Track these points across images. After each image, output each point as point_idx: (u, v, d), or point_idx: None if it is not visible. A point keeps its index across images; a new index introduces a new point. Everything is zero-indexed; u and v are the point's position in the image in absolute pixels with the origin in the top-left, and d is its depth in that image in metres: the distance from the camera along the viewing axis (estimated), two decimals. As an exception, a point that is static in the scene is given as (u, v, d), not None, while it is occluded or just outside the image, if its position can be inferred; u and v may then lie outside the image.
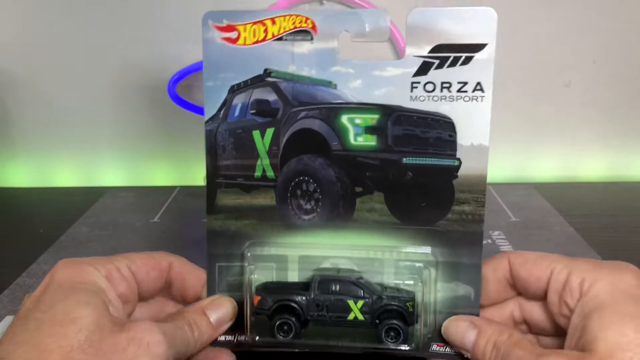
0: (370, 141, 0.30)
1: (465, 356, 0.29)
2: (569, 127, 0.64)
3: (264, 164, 0.31)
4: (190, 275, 0.31)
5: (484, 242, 0.48)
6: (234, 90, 0.30)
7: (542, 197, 0.59)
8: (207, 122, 0.31)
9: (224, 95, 0.30)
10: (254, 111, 0.31)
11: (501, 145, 0.65)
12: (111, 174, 0.67)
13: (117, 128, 0.65)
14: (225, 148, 0.31)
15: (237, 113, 0.31)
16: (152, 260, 0.30)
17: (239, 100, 0.31)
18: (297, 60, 0.29)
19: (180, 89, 0.60)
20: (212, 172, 0.32)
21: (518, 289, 0.30)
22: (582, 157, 0.66)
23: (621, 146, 0.65)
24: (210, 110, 0.31)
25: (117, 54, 0.61)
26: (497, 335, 0.27)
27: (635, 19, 0.59)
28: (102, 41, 0.61)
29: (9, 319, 0.39)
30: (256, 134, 0.31)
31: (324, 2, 0.57)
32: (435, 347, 0.30)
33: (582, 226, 0.51)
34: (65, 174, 0.68)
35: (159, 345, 0.25)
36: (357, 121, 0.30)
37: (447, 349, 0.30)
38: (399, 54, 0.58)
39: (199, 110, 0.60)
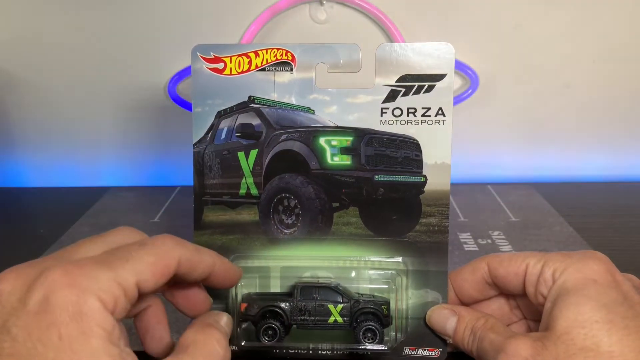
0: (345, 161, 0.33)
1: (448, 341, 0.32)
2: (569, 127, 0.64)
3: (248, 183, 0.34)
4: (200, 264, 0.29)
5: (484, 242, 0.50)
6: (221, 115, 0.33)
7: (542, 197, 0.59)
8: (195, 144, 0.34)
9: (211, 119, 0.33)
10: (239, 134, 0.34)
11: (501, 145, 0.65)
12: (111, 174, 0.67)
13: (117, 128, 0.65)
14: (212, 168, 0.34)
15: (223, 136, 0.34)
16: (161, 264, 0.26)
17: (225, 125, 0.34)
18: (278, 88, 0.33)
19: (180, 89, 0.60)
20: (199, 191, 0.34)
21: (499, 287, 0.32)
22: (582, 157, 0.66)
23: (621, 146, 0.65)
24: (198, 134, 0.34)
25: (118, 54, 0.61)
26: (475, 321, 0.30)
27: (635, 19, 0.59)
28: (102, 41, 0.61)
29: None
30: (241, 154, 0.34)
31: (324, 2, 0.57)
32: (407, 351, 0.33)
33: (582, 226, 0.51)
34: (65, 174, 0.68)
35: None
36: (334, 143, 0.33)
37: (419, 352, 0.33)
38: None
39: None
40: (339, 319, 0.32)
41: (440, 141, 0.32)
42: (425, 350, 0.32)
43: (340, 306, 0.32)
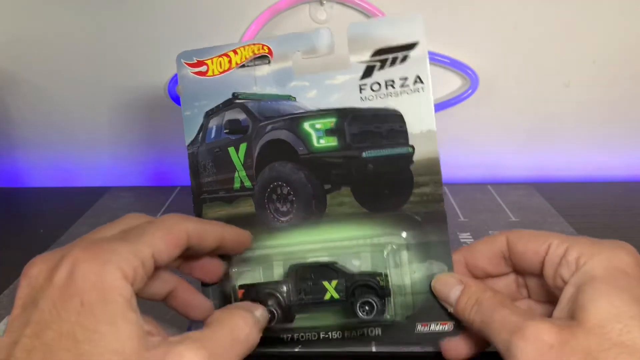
0: (331, 142, 0.33)
1: (449, 311, 0.31)
2: (569, 127, 0.64)
3: (241, 176, 0.35)
4: (208, 233, 0.30)
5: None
6: (209, 115, 0.34)
7: (542, 197, 0.59)
8: (188, 146, 0.35)
9: (200, 120, 0.34)
10: (227, 130, 0.35)
11: (501, 145, 0.65)
12: (111, 174, 0.67)
13: (117, 128, 0.65)
14: (206, 167, 0.35)
15: (213, 134, 0.35)
16: (171, 236, 0.28)
17: (213, 123, 0.35)
18: (260, 82, 0.33)
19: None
20: (197, 190, 0.35)
21: (514, 264, 0.31)
22: (582, 157, 0.66)
23: (621, 146, 0.65)
24: (190, 136, 0.35)
25: (118, 54, 0.61)
26: (481, 293, 0.29)
27: (635, 19, 0.59)
28: (102, 41, 0.61)
29: (9, 318, 0.39)
30: (231, 150, 0.35)
31: (324, 2, 0.57)
32: (419, 327, 0.33)
33: (582, 226, 0.51)
34: (65, 174, 0.68)
35: None
36: (318, 126, 0.33)
37: (431, 327, 0.32)
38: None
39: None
40: (335, 295, 0.32)
41: (422, 109, 0.32)
42: (437, 324, 0.32)
43: (335, 282, 0.32)
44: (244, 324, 0.27)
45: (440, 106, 0.60)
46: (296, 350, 0.35)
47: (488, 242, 0.32)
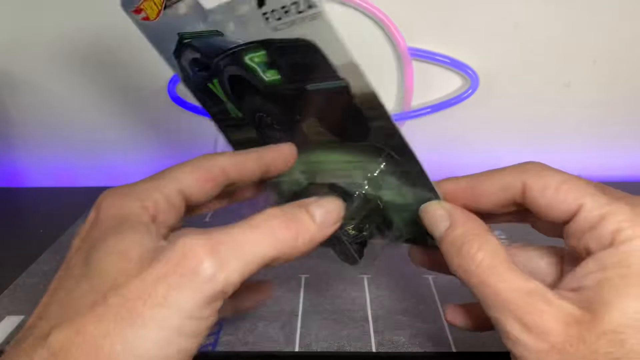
0: (275, 75, 0.30)
1: (428, 242, 0.29)
2: (569, 127, 0.64)
3: (229, 108, 0.34)
4: (246, 161, 0.29)
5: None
6: (176, 57, 0.33)
7: (542, 197, 0.59)
8: (184, 84, 0.34)
9: (175, 62, 0.33)
10: (197, 68, 0.33)
11: (501, 145, 0.65)
12: (111, 174, 0.67)
13: (117, 128, 0.65)
14: (206, 100, 0.34)
15: (190, 72, 0.34)
16: (201, 171, 0.27)
17: (185, 63, 0.33)
18: (188, 20, 0.30)
19: (180, 89, 0.60)
20: (215, 119, 0.35)
21: (528, 210, 0.26)
22: (582, 157, 0.66)
23: (622, 146, 0.65)
24: (179, 74, 0.34)
25: (118, 54, 0.61)
26: (472, 237, 0.24)
27: (635, 19, 0.59)
28: (102, 41, 0.61)
29: (9, 319, 0.39)
30: (211, 85, 0.33)
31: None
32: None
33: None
34: (65, 174, 0.68)
35: (200, 270, 0.20)
36: (256, 60, 0.30)
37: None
38: (400, 56, 0.58)
39: (199, 111, 0.60)
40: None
41: (328, 39, 0.26)
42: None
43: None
44: (279, 223, 0.23)
45: (440, 106, 0.60)
46: (296, 350, 0.35)
47: (497, 184, 0.26)
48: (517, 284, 0.22)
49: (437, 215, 0.27)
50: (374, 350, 0.35)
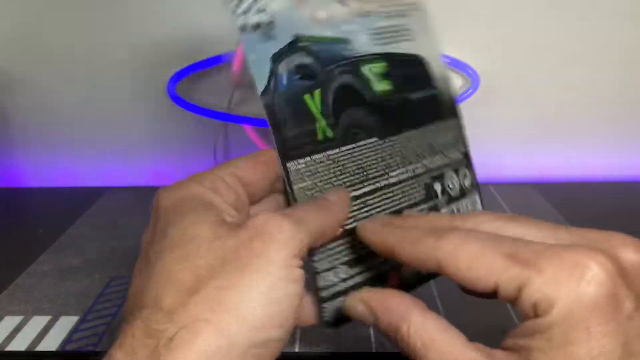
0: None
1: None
2: (569, 127, 0.64)
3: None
4: None
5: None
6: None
7: (543, 198, 0.59)
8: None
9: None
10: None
11: (502, 146, 0.65)
12: (111, 174, 0.67)
13: (117, 128, 0.65)
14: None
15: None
16: (258, 159, 0.29)
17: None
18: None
19: (180, 89, 0.60)
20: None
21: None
22: (583, 157, 0.66)
23: (621, 146, 0.65)
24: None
25: (118, 54, 0.61)
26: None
27: (635, 19, 0.59)
28: (102, 41, 0.61)
29: (9, 319, 0.39)
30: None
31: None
32: None
33: (582, 226, 0.51)
34: (65, 174, 0.68)
35: (283, 230, 0.23)
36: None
37: None
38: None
39: (199, 110, 0.60)
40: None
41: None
42: None
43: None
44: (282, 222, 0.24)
45: (440, 106, 0.60)
46: (296, 350, 0.35)
47: (411, 257, 0.24)
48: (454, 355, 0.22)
49: (359, 312, 0.26)
50: (374, 350, 0.35)
